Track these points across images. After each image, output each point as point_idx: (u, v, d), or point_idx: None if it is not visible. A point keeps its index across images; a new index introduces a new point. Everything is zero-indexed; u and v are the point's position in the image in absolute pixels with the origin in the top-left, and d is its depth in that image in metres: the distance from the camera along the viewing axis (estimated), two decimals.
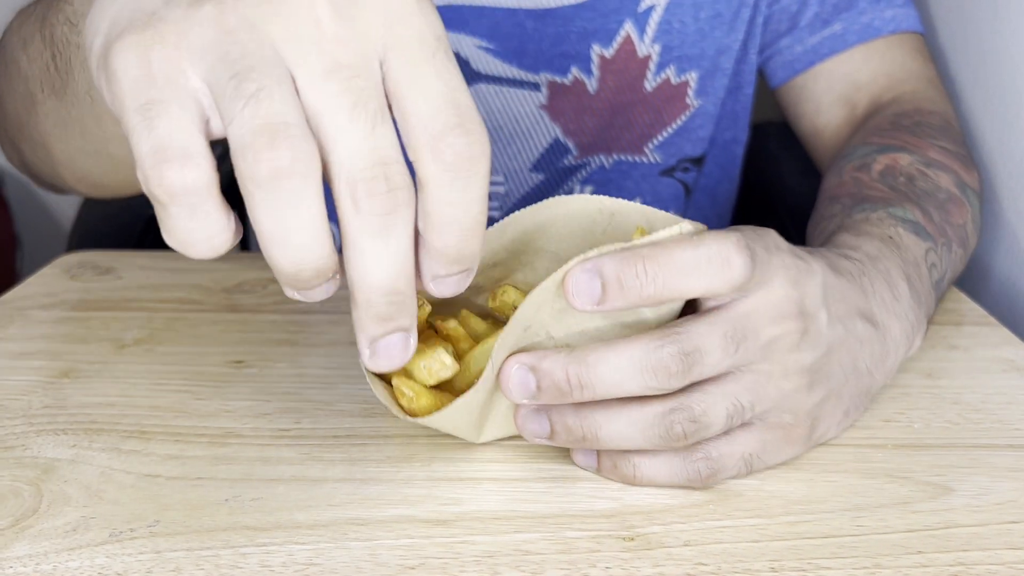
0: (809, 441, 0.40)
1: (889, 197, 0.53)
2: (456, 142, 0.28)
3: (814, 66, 0.70)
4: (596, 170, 0.73)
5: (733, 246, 0.35)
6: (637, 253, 0.34)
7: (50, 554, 0.34)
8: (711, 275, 0.35)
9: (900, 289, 0.45)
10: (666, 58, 0.69)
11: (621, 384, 0.35)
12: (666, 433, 0.36)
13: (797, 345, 0.37)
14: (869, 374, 0.42)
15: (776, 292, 0.37)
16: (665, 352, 0.35)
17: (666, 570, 0.34)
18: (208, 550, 0.34)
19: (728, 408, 0.36)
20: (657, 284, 0.34)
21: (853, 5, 0.69)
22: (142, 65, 0.28)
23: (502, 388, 0.37)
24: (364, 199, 0.28)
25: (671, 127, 0.72)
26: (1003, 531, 0.37)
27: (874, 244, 0.47)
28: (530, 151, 0.71)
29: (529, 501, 0.38)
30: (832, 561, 0.35)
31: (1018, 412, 0.45)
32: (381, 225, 0.28)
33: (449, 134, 0.28)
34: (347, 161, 0.28)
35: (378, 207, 0.28)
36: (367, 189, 0.28)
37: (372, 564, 0.34)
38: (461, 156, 0.29)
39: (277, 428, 0.42)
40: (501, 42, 0.67)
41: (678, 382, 0.35)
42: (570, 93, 0.69)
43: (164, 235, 0.29)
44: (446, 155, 0.28)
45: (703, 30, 0.69)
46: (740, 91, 0.74)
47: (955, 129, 0.63)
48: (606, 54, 0.68)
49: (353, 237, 0.29)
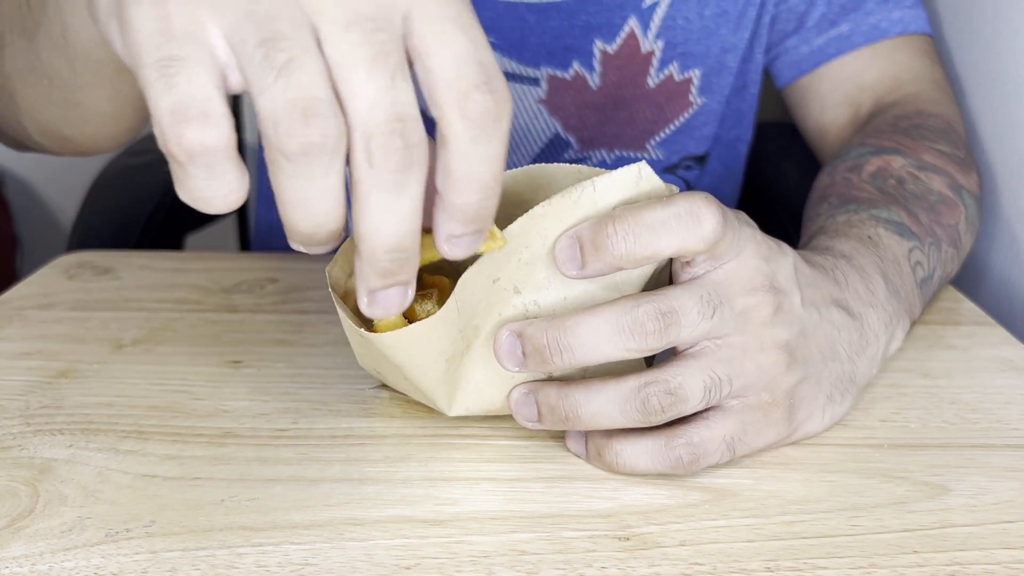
0: (790, 424, 0.40)
1: (875, 199, 0.53)
2: (482, 99, 0.28)
3: (820, 67, 0.70)
4: (598, 165, 0.73)
5: (703, 202, 0.36)
6: (610, 215, 0.35)
7: (46, 554, 0.34)
8: (683, 232, 0.35)
9: (875, 282, 0.45)
10: (669, 54, 0.69)
11: (600, 347, 0.36)
12: (643, 407, 0.36)
13: (771, 320, 0.38)
14: (850, 360, 0.42)
15: (748, 263, 0.37)
16: (641, 311, 0.36)
17: (662, 570, 0.34)
18: (204, 550, 0.34)
19: (705, 380, 0.37)
20: (628, 242, 0.35)
21: (860, 6, 0.68)
22: (160, 18, 0.27)
23: (496, 356, 0.38)
24: (379, 154, 0.28)
25: (673, 124, 0.72)
26: (999, 531, 0.37)
27: (849, 243, 0.47)
28: (529, 146, 0.71)
29: (525, 501, 0.38)
30: (828, 561, 0.35)
31: (1016, 412, 0.45)
32: (394, 182, 0.28)
33: (475, 91, 0.28)
34: (364, 114, 0.28)
35: (392, 163, 0.28)
36: (383, 144, 0.28)
37: (368, 564, 0.34)
38: (487, 113, 0.29)
39: (275, 428, 0.42)
40: (501, 35, 0.67)
41: (656, 341, 0.36)
42: (570, 88, 0.69)
43: (179, 192, 0.29)
44: (472, 112, 0.28)
45: (708, 27, 0.69)
46: (746, 90, 0.74)
47: (956, 132, 0.63)
48: (608, 49, 0.68)
49: (364, 191, 0.28)
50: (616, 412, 0.37)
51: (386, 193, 0.28)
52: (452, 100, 0.28)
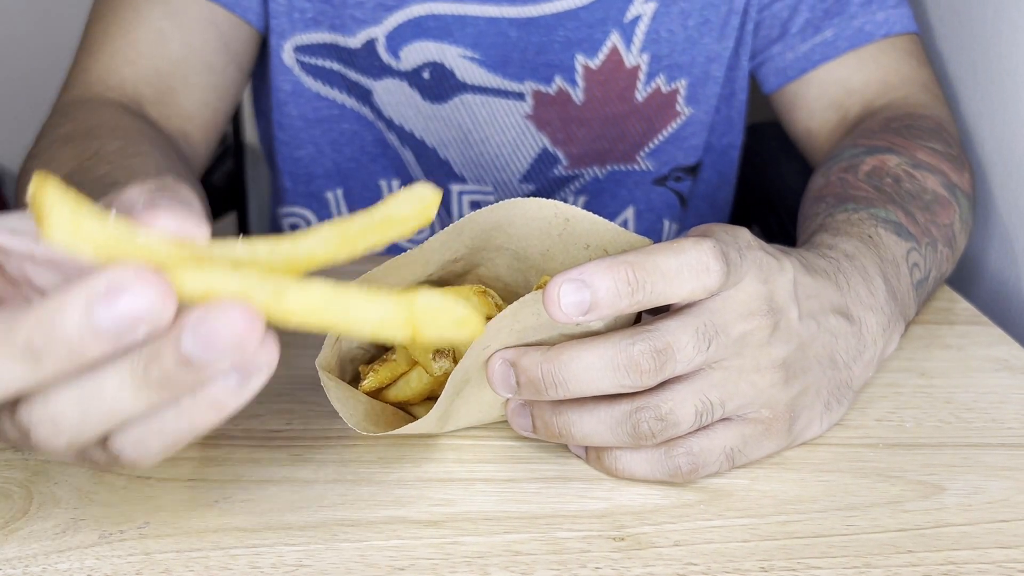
0: (790, 434, 0.40)
1: (873, 198, 0.53)
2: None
3: (806, 73, 0.69)
4: (590, 181, 0.73)
5: (710, 253, 0.35)
6: (623, 261, 0.35)
7: (39, 556, 0.34)
8: (692, 282, 0.35)
9: (876, 284, 0.45)
10: (655, 67, 0.69)
11: (593, 382, 0.36)
12: (634, 431, 0.36)
13: (768, 340, 0.38)
14: (847, 367, 0.42)
15: (746, 289, 0.37)
16: (636, 349, 0.35)
17: (656, 570, 0.34)
18: (198, 551, 0.34)
19: (696, 406, 0.36)
20: (647, 291, 0.35)
21: (844, 9, 0.68)
22: None
23: (489, 382, 0.37)
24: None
25: (662, 135, 0.72)
26: (994, 530, 0.37)
27: (851, 243, 0.47)
28: (519, 161, 0.71)
29: (520, 501, 0.38)
30: (822, 560, 0.35)
31: (1010, 411, 0.45)
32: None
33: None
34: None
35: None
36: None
37: (362, 565, 0.34)
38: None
39: (268, 429, 0.42)
40: (485, 51, 0.67)
41: (651, 379, 0.35)
42: (555, 103, 0.69)
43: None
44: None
45: (692, 37, 0.69)
46: (734, 97, 0.74)
47: (948, 131, 0.63)
48: (591, 64, 0.68)
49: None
50: (607, 433, 0.37)
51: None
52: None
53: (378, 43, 0.66)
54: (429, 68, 0.67)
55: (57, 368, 0.26)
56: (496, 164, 0.71)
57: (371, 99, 0.69)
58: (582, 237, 0.39)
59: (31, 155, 0.55)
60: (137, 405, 0.27)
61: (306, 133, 0.71)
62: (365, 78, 0.68)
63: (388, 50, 0.66)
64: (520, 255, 0.41)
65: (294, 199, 0.75)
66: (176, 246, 0.26)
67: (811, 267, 0.42)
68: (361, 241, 0.29)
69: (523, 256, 0.41)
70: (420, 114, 0.69)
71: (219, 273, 0.26)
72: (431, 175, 0.71)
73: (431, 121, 0.69)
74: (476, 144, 0.70)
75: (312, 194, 0.74)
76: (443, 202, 0.72)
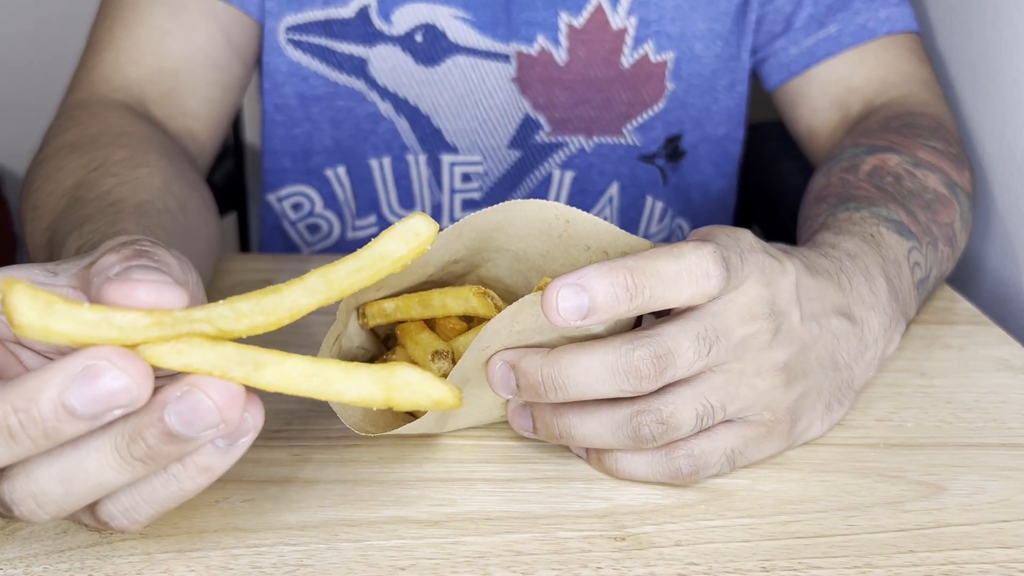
0: (791, 436, 0.40)
1: (874, 197, 0.53)
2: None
3: (809, 69, 0.70)
4: (576, 153, 0.73)
5: (710, 258, 0.35)
6: (622, 266, 0.34)
7: (40, 556, 0.34)
8: (692, 286, 0.35)
9: (878, 284, 0.45)
10: (643, 32, 0.69)
11: (593, 386, 0.35)
12: (634, 434, 0.36)
13: (769, 344, 0.38)
14: (848, 368, 0.42)
15: (748, 293, 0.37)
16: (637, 355, 0.35)
17: (657, 570, 0.34)
18: (199, 551, 0.34)
19: (697, 409, 0.36)
20: (646, 296, 0.34)
21: (848, 5, 0.68)
22: None
23: (489, 383, 0.37)
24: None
25: (651, 110, 0.72)
26: (994, 530, 0.37)
27: (854, 242, 0.47)
28: (506, 127, 0.71)
29: (521, 501, 0.38)
30: (823, 560, 0.35)
31: (1011, 411, 0.45)
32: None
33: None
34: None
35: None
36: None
37: (363, 565, 0.34)
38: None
39: (269, 429, 0.42)
40: (477, 12, 0.67)
41: (651, 385, 0.35)
42: (536, 64, 0.69)
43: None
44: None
45: (682, 8, 0.68)
46: (733, 89, 0.74)
47: (948, 130, 0.63)
48: (574, 23, 0.68)
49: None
50: (608, 436, 0.37)
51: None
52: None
53: (371, 8, 0.67)
54: (421, 30, 0.67)
55: (34, 447, 0.27)
56: (485, 129, 0.71)
57: (366, 70, 0.69)
58: (582, 239, 0.39)
59: (37, 162, 0.55)
60: (122, 478, 0.28)
61: (302, 112, 0.72)
62: (359, 47, 0.68)
63: (380, 15, 0.67)
64: (520, 256, 0.41)
65: (295, 178, 0.75)
66: (154, 320, 0.27)
67: (813, 268, 0.42)
68: (348, 286, 0.29)
69: (523, 257, 0.41)
70: (414, 79, 0.69)
71: (197, 349, 0.27)
72: (424, 144, 0.72)
73: (424, 86, 0.69)
74: (468, 108, 0.70)
75: (312, 171, 0.74)
76: (434, 174, 0.73)
